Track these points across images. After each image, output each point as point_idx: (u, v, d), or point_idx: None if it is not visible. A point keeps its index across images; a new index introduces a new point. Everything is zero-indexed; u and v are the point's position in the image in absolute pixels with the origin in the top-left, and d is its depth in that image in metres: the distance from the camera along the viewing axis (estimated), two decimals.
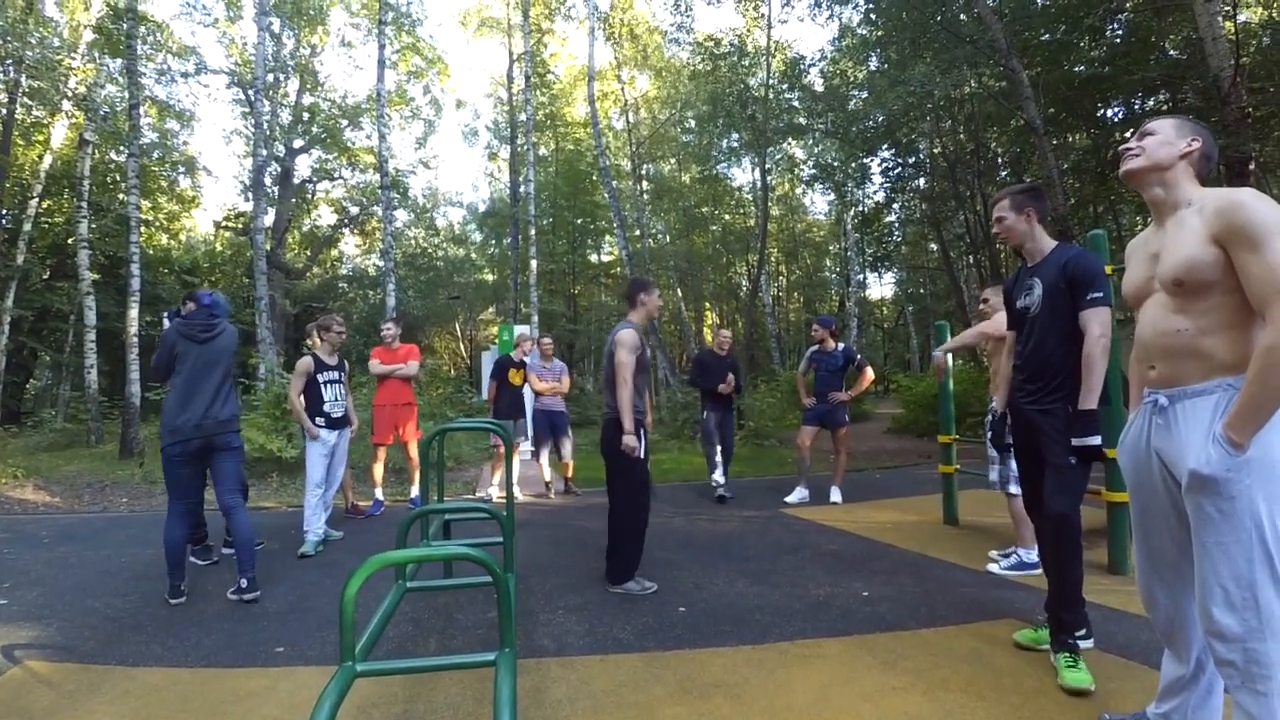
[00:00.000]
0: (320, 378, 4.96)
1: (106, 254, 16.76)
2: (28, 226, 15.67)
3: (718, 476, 6.46)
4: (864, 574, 3.83)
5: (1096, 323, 2.41)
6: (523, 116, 16.66)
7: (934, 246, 20.37)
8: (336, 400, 5.00)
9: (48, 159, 15.50)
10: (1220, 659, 1.59)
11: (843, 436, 6.14)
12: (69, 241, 15.97)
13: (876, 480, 7.61)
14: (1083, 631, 2.57)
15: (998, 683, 2.41)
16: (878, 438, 12.58)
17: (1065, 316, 2.49)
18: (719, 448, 6.47)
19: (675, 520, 5.49)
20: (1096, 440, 2.38)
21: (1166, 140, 1.86)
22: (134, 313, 11.52)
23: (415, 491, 6.13)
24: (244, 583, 3.60)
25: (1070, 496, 2.44)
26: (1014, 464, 3.68)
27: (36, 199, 15.76)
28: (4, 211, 15.91)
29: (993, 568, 3.87)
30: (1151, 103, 12.16)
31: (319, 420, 4.85)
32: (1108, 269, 3.61)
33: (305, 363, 4.98)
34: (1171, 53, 11.80)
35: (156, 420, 13.55)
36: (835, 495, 6.06)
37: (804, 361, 6.35)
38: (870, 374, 6.24)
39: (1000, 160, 15.39)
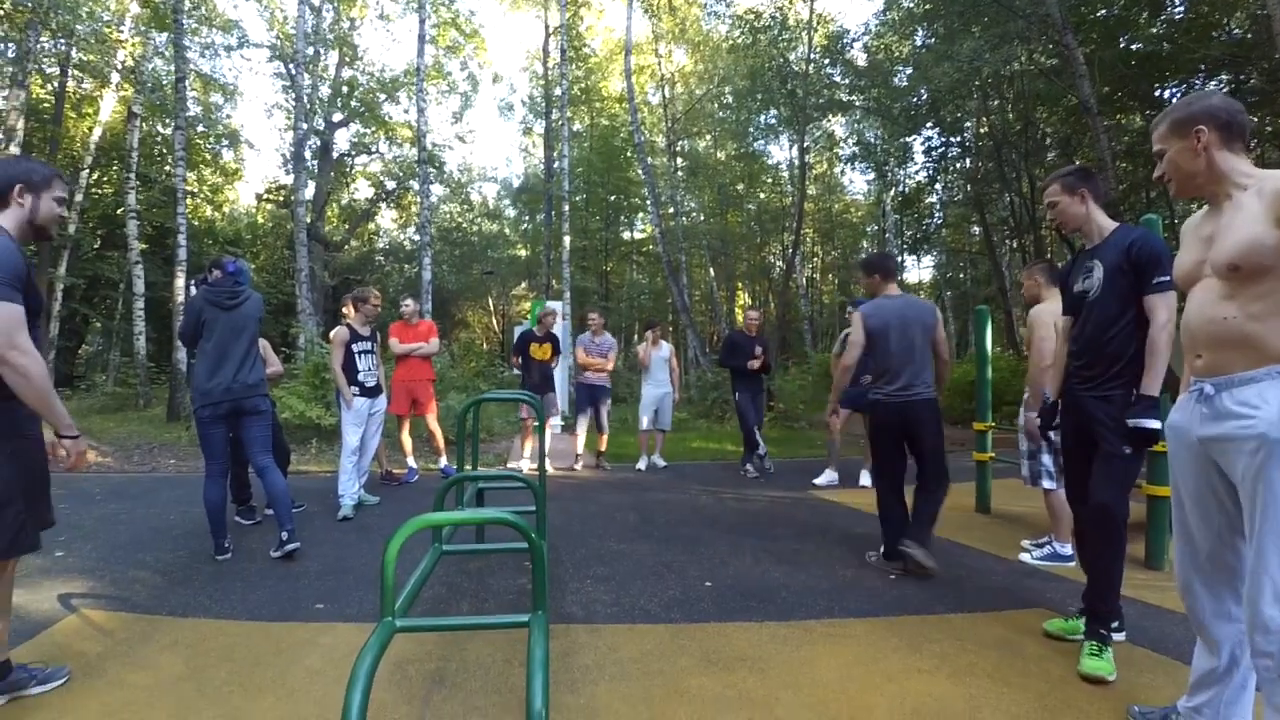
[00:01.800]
0: (355, 348, 5.08)
1: (154, 224, 17.28)
2: (79, 197, 16.19)
3: (763, 448, 6.68)
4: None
5: (1163, 307, 2.32)
6: (558, 91, 16.59)
7: (976, 229, 19.84)
8: (370, 370, 5.13)
9: (97, 131, 15.93)
10: (1259, 650, 1.56)
11: None
12: (118, 212, 16.45)
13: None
14: (1115, 624, 2.53)
15: (1025, 670, 2.39)
16: None
17: (1127, 300, 2.39)
18: (756, 428, 6.64)
19: (703, 498, 5.53)
20: (1154, 424, 2.28)
21: (1177, 151, 1.80)
22: (180, 281, 11.87)
23: (444, 461, 6.27)
24: (284, 535, 3.75)
25: (1116, 487, 2.39)
26: (1046, 458, 3.78)
27: (87, 170, 16.25)
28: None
29: (1025, 557, 3.83)
30: (1213, 84, 11.59)
31: (353, 389, 4.99)
32: None
33: (342, 333, 5.12)
34: (1235, 31, 11.21)
35: None
36: (865, 479, 6.01)
37: (837, 344, 6.28)
38: None
39: (1049, 141, 14.86)
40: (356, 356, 5.07)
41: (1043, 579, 3.47)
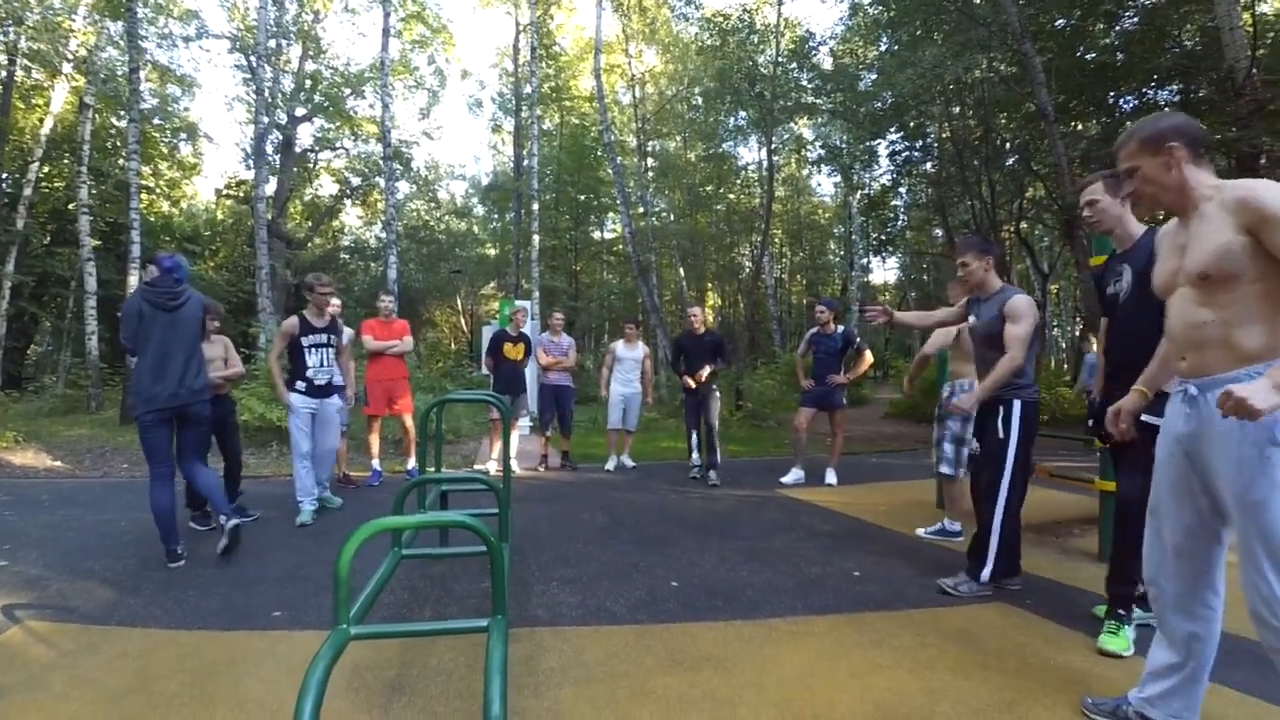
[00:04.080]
0: (304, 341, 4.65)
1: (107, 220, 16.69)
2: (28, 191, 15.56)
3: (694, 459, 6.60)
4: (856, 554, 3.86)
5: None
6: (528, 89, 16.48)
7: (939, 232, 20.25)
8: (322, 366, 4.69)
9: (49, 123, 15.33)
10: (1267, 624, 1.63)
11: (840, 419, 6.15)
12: (69, 207, 15.90)
13: (872, 464, 7.66)
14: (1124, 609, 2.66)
15: (985, 663, 2.45)
16: (876, 422, 12.63)
17: (1155, 302, 2.47)
18: (695, 432, 6.58)
19: (671, 497, 5.54)
20: (1154, 420, 2.38)
21: (1151, 167, 1.87)
22: (134, 279, 11.49)
23: (412, 463, 6.16)
24: (222, 518, 3.70)
25: (1140, 479, 2.45)
26: (948, 447, 4.17)
27: (37, 163, 15.62)
28: (4, 175, 15.78)
29: (920, 532, 4.33)
30: (1164, 93, 12.01)
31: (299, 385, 4.60)
32: None
33: (289, 324, 4.71)
34: (1186, 43, 11.62)
35: None
36: (830, 477, 6.10)
37: (803, 343, 6.35)
38: (869, 357, 6.25)
39: (1008, 147, 15.24)
40: (306, 351, 4.64)
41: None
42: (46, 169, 17.08)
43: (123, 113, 14.82)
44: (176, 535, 3.68)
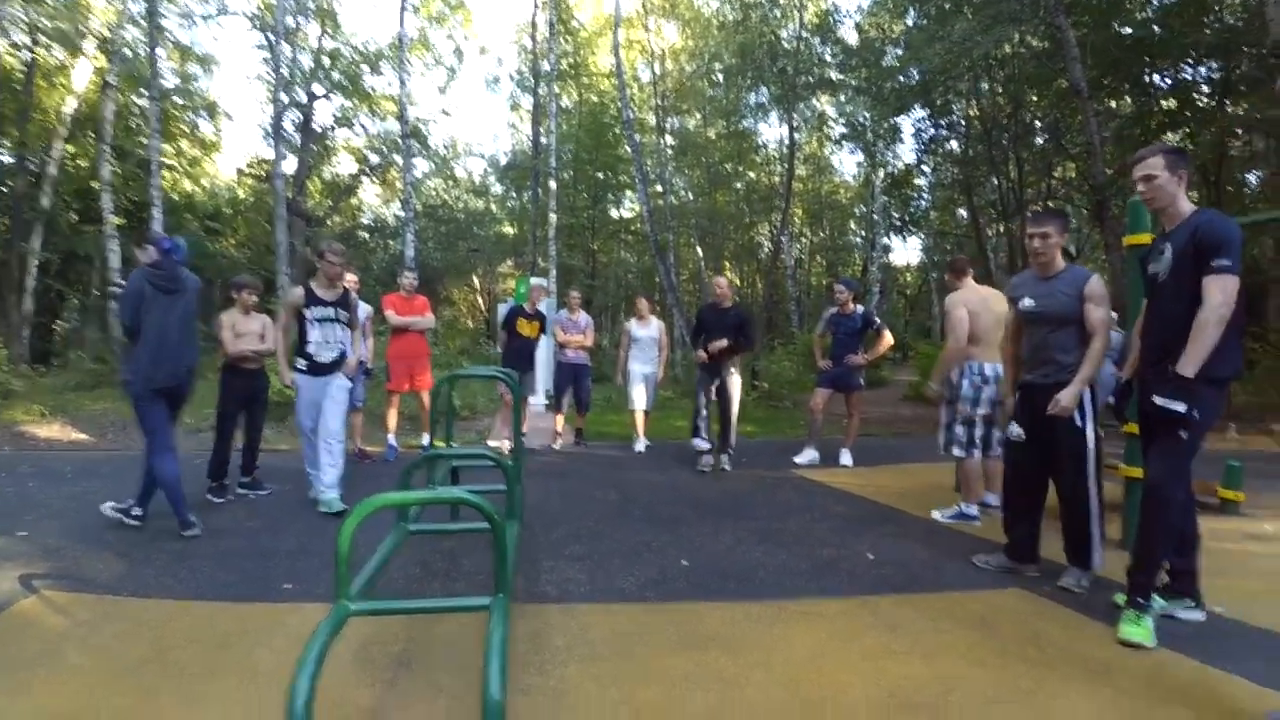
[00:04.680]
0: (309, 313, 4.27)
1: (131, 199, 16.85)
2: (53, 170, 15.74)
3: (700, 442, 5.69)
4: (871, 537, 3.80)
5: (1217, 290, 2.33)
6: (545, 66, 16.30)
7: (963, 213, 19.81)
8: (326, 343, 4.29)
9: (71, 102, 15.45)
10: None
11: (856, 400, 6.06)
12: (94, 185, 16.03)
13: (889, 446, 7.55)
14: (1191, 602, 2.62)
15: (1001, 650, 2.38)
16: (894, 404, 12.47)
17: (1191, 283, 2.39)
18: (704, 412, 5.76)
19: (684, 477, 5.49)
20: (1179, 407, 2.34)
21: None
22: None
23: (428, 439, 6.19)
24: (135, 510, 3.83)
25: (1167, 466, 2.44)
26: (959, 429, 4.13)
27: (62, 142, 15.78)
28: (29, 155, 15.96)
29: (936, 515, 4.22)
30: (1203, 70, 11.54)
31: (300, 364, 4.28)
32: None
33: (294, 294, 4.36)
34: (1228, 18, 11.14)
35: None
36: (846, 458, 6.01)
37: (821, 324, 6.24)
38: (888, 338, 6.13)
39: (1038, 125, 14.80)
40: (309, 325, 4.26)
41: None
42: (71, 148, 17.25)
43: (144, 91, 14.87)
44: (185, 504, 3.72)
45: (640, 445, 6.82)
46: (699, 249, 21.72)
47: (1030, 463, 3.09)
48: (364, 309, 5.87)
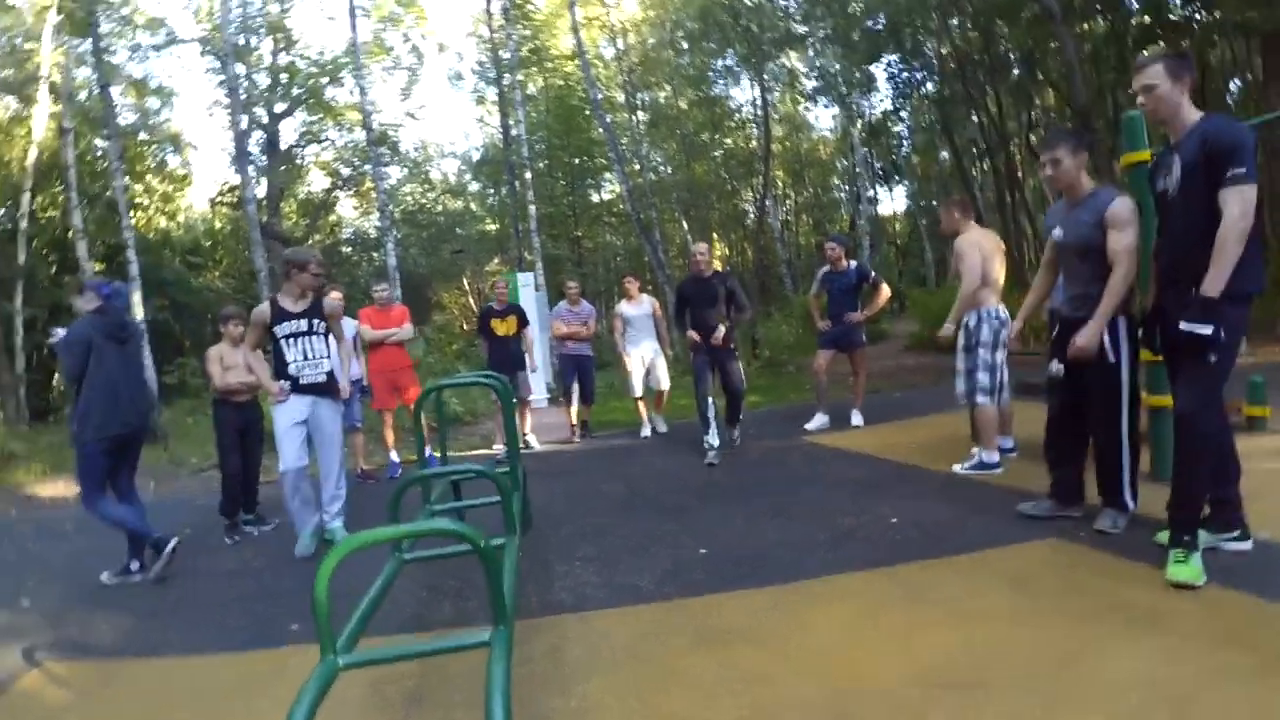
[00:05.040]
0: (279, 330, 3.77)
1: (107, 242, 16.63)
2: (25, 224, 15.50)
3: (711, 438, 5.20)
4: (890, 499, 3.67)
5: (1235, 201, 2.15)
6: (506, 54, 15.94)
7: (945, 154, 19.49)
8: (307, 360, 3.80)
9: (33, 152, 15.16)
10: None
11: (860, 358, 5.93)
12: (68, 235, 15.81)
13: (898, 400, 7.41)
14: (1236, 533, 2.47)
15: (1042, 609, 2.26)
16: (896, 355, 12.32)
17: (1205, 197, 2.21)
18: (711, 400, 5.30)
19: (691, 458, 5.35)
20: (1205, 329, 2.18)
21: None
22: (136, 297, 11.41)
23: (428, 450, 6.03)
24: (133, 565, 3.71)
25: (1195, 395, 2.29)
26: (982, 375, 3.93)
27: (28, 194, 15.51)
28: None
29: (956, 468, 4.06)
30: None
31: (282, 384, 3.84)
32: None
33: (259, 312, 3.86)
34: None
35: (177, 402, 13.69)
36: (856, 418, 5.89)
37: (815, 284, 6.08)
38: (886, 291, 5.99)
39: (1013, 57, 14.46)
40: (283, 344, 3.78)
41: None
42: (40, 199, 17.00)
43: (105, 131, 14.59)
44: (146, 529, 3.69)
45: (647, 430, 6.64)
46: (684, 223, 21.46)
47: (1071, 400, 2.92)
48: (350, 325, 5.70)
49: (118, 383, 3.64)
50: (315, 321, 3.84)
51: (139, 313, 11.40)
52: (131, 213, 13.17)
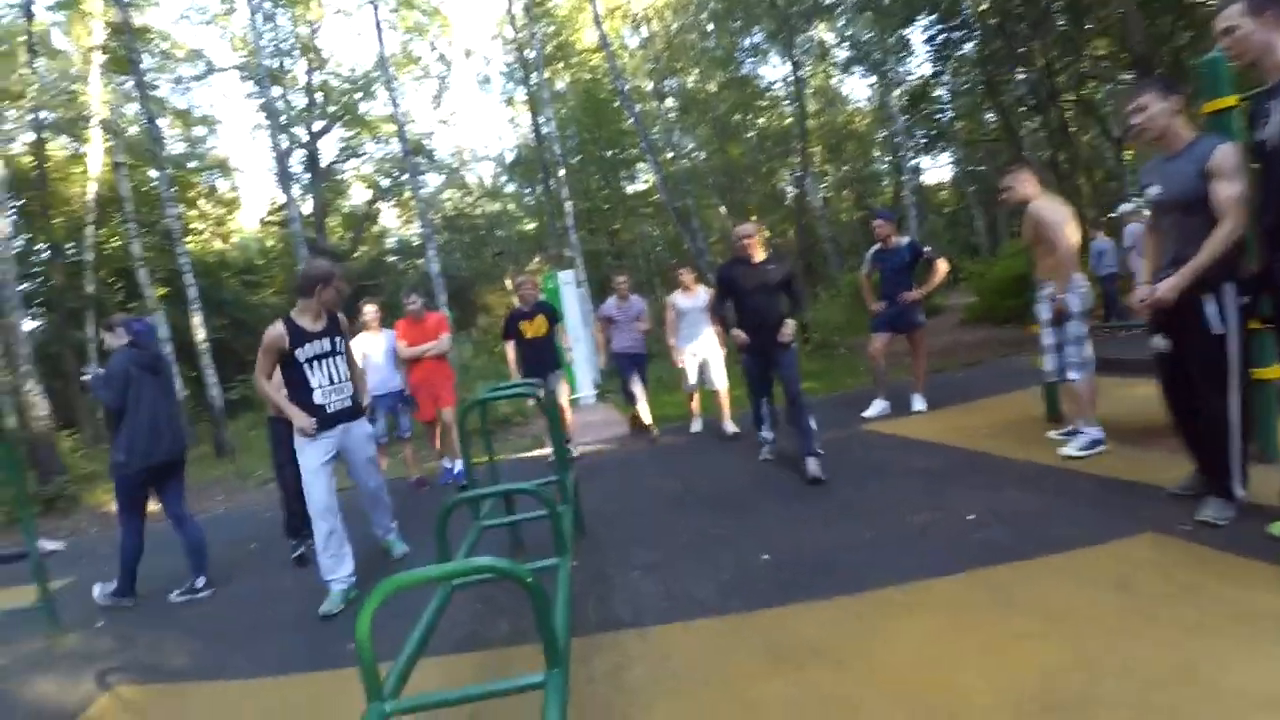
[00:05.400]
0: (300, 354, 3.34)
1: (168, 268, 17.32)
2: (90, 256, 16.26)
3: (765, 432, 4.88)
4: (965, 492, 3.41)
5: None
6: (531, 53, 15.90)
7: (990, 116, 18.56)
8: (334, 384, 3.41)
9: (92, 187, 15.87)
10: None
11: (919, 338, 5.62)
12: (131, 265, 16.53)
13: (960, 380, 7.03)
14: None
15: (1151, 616, 2.02)
16: (952, 331, 11.81)
17: None
18: (765, 403, 4.85)
19: (747, 452, 5.17)
20: None
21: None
22: (197, 319, 11.87)
23: (448, 462, 5.97)
24: (199, 582, 3.97)
25: None
26: (1072, 349, 3.65)
27: (92, 227, 16.25)
28: (59, 244, 16.55)
29: (1068, 451, 3.66)
30: None
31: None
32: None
33: (273, 334, 3.30)
34: None
35: (242, 416, 14.17)
36: (918, 403, 5.59)
37: (866, 263, 5.78)
38: (943, 266, 5.66)
39: (1054, 5, 13.60)
40: (306, 368, 3.35)
41: (1141, 495, 2.99)
42: (103, 231, 17.81)
43: (155, 163, 15.15)
44: (132, 565, 3.96)
45: (697, 425, 6.37)
46: (723, 208, 21.12)
47: (1182, 374, 2.62)
48: (388, 336, 5.73)
49: (157, 413, 3.86)
50: (338, 340, 3.48)
51: (200, 334, 11.86)
52: (187, 238, 13.66)
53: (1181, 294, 2.45)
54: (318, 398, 3.37)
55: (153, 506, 4.10)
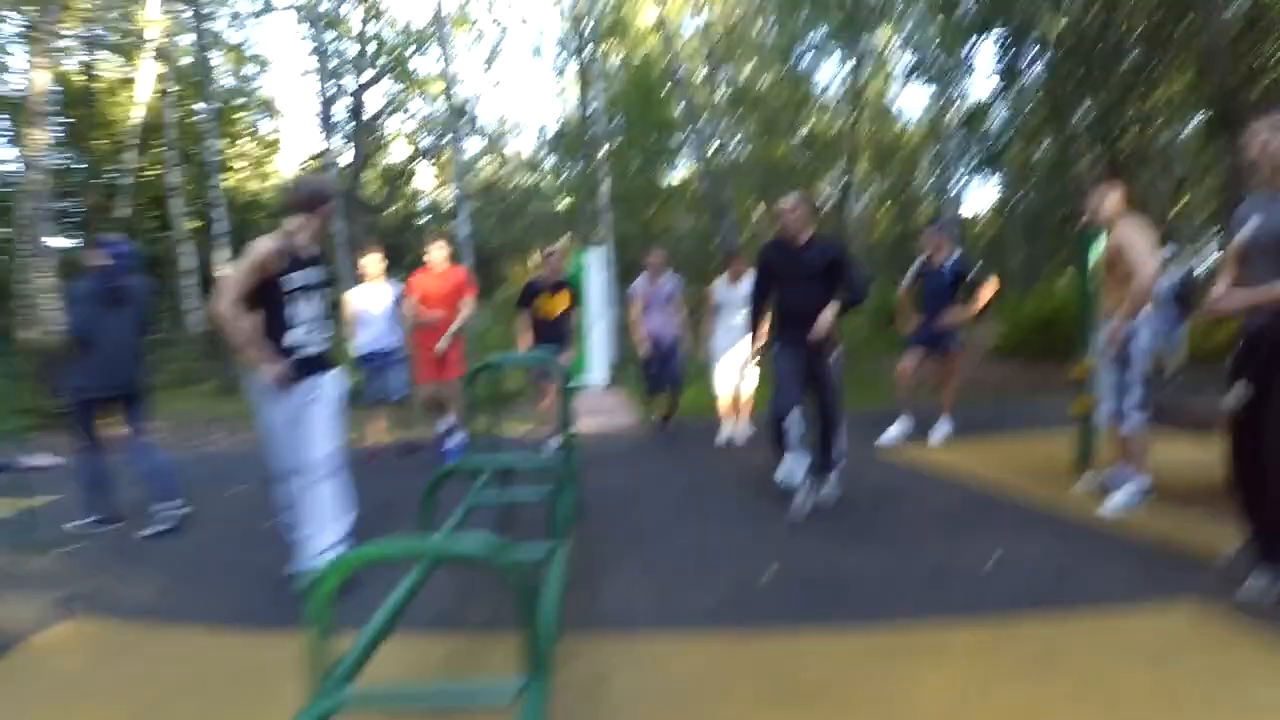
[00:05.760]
0: (289, 281, 2.75)
1: (203, 200, 17.38)
2: (128, 180, 16.32)
3: (791, 471, 3.64)
4: (989, 530, 3.18)
5: None
6: (588, 26, 15.62)
7: (1045, 144, 17.98)
8: (317, 323, 2.87)
9: (139, 113, 15.88)
10: None
11: (953, 362, 5.36)
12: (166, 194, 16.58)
13: (986, 413, 6.71)
14: None
15: (1187, 696, 1.80)
16: (981, 362, 11.43)
17: None
18: (795, 422, 3.65)
19: (761, 461, 4.92)
20: None
21: None
22: (224, 254, 11.86)
23: (449, 424, 5.28)
24: (171, 507, 3.82)
25: None
26: (1139, 390, 3.35)
27: (135, 152, 16.29)
28: (99, 165, 16.63)
29: (1113, 503, 3.36)
30: None
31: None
32: None
33: (263, 250, 2.67)
34: None
35: None
36: (942, 429, 5.33)
37: (908, 277, 5.51)
38: (990, 287, 5.35)
39: (1133, 37, 13.03)
40: (294, 300, 2.77)
41: (1171, 562, 2.72)
42: (144, 158, 17.87)
43: (204, 94, 15.15)
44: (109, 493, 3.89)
45: (724, 435, 5.71)
46: (762, 204, 20.77)
47: (1254, 429, 2.34)
48: (392, 289, 5.30)
49: (114, 344, 3.71)
50: (325, 271, 2.96)
51: (226, 269, 11.85)
52: (224, 174, 13.63)
53: (1269, 335, 2.19)
54: (301, 335, 2.78)
55: None
